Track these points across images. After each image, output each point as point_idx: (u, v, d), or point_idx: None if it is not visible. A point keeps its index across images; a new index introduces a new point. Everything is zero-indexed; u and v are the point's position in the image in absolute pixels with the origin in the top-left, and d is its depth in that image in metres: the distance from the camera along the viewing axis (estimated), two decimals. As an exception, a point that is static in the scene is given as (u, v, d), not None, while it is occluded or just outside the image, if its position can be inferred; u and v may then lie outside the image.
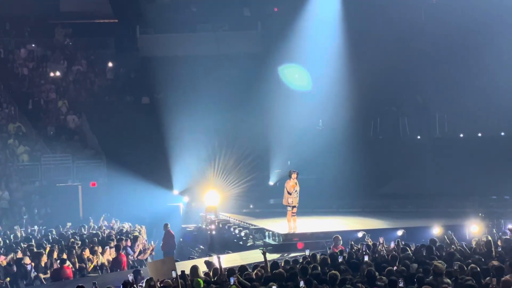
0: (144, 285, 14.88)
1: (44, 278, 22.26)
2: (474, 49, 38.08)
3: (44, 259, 22.87)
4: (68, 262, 22.56)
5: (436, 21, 38.97)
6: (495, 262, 15.66)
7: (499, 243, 19.33)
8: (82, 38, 47.01)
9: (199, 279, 14.90)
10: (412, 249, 18.98)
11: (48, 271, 22.44)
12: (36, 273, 22.21)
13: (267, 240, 26.38)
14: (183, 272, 15.23)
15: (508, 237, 19.95)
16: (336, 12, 39.73)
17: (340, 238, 21.97)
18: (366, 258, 17.01)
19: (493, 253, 17.64)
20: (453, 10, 38.26)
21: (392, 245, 19.45)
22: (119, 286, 15.30)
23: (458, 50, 38.63)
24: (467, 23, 37.80)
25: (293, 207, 26.11)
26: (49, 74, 44.25)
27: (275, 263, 16.81)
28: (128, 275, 15.39)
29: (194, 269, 15.67)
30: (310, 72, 38.90)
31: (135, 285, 15.21)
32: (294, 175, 26.15)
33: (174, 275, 14.91)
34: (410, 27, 38.91)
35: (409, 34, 38.79)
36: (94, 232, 28.91)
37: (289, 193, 26.03)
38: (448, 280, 14.46)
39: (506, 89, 36.01)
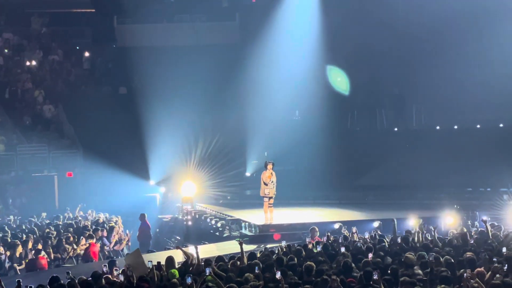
0: (122, 276, 14.82)
1: (19, 269, 22.14)
2: (451, 42, 38.20)
3: (19, 249, 22.75)
4: (43, 253, 22.45)
5: (413, 13, 39.04)
6: (469, 254, 15.74)
7: (473, 234, 19.45)
8: (59, 27, 46.74)
9: (174, 270, 14.88)
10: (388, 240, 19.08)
11: (23, 262, 22.33)
12: (10, 263, 22.09)
13: (243, 231, 26.36)
14: (159, 263, 15.21)
15: (482, 229, 20.05)
16: (314, 3, 39.74)
17: (317, 229, 22.03)
18: (343, 250, 17.07)
19: (468, 245, 17.74)
20: (431, 1, 38.32)
21: (367, 235, 19.53)
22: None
23: (435, 42, 38.77)
24: (445, 14, 37.87)
25: (270, 198, 26.14)
26: (25, 63, 43.96)
27: (252, 254, 16.83)
28: (103, 266, 15.34)
29: (170, 260, 15.65)
30: (288, 63, 38.82)
31: (109, 276, 15.17)
32: (269, 166, 26.18)
33: (150, 265, 14.89)
34: (388, 18, 38.97)
35: (387, 26, 38.81)
36: (70, 222, 28.78)
37: (265, 184, 26.05)
38: (420, 271, 14.53)
39: (482, 82, 36.14)
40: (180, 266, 15.72)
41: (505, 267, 14.17)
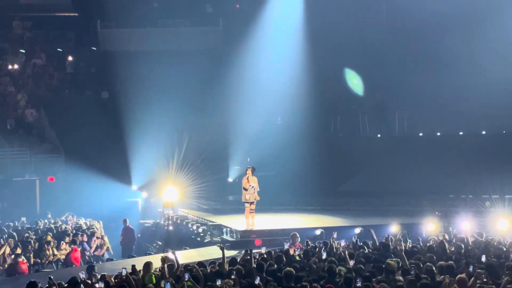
0: (101, 282, 14.72)
1: (-2, 273, 22.04)
2: (434, 49, 38.34)
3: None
4: (23, 257, 22.31)
5: (396, 19, 39.18)
6: (449, 261, 15.74)
7: (454, 241, 19.46)
8: (41, 31, 46.56)
9: (151, 274, 14.79)
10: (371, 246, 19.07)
11: (0, 267, 22.18)
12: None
13: (225, 236, 26.31)
14: (133, 267, 15.14)
15: (462, 236, 20.08)
16: (297, 10, 39.81)
17: (298, 235, 21.98)
18: (324, 255, 17.04)
19: (448, 252, 17.75)
20: (414, 9, 38.40)
21: (343, 243, 19.52)
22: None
23: (418, 49, 38.86)
24: (429, 22, 38.05)
25: (251, 203, 26.04)
26: (7, 67, 43.75)
27: (233, 259, 16.78)
28: (80, 273, 15.21)
29: (147, 265, 15.56)
30: (270, 68, 38.83)
31: (88, 281, 15.05)
32: (248, 171, 26.12)
33: (124, 272, 14.79)
34: (370, 25, 39.10)
35: (369, 32, 38.94)
36: (50, 227, 28.64)
37: (245, 189, 26.01)
38: (401, 278, 14.51)
39: (464, 89, 36.29)
40: (158, 271, 15.60)
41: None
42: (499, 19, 36.50)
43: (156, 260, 16.61)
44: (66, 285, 14.61)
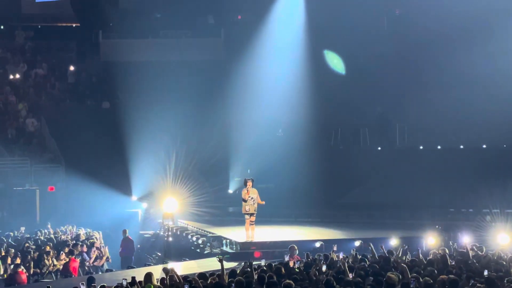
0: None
1: (-2, 283, 21.99)
2: (435, 62, 38.40)
3: (-2, 263, 22.65)
4: (22, 267, 22.27)
5: (397, 32, 39.25)
6: (450, 276, 15.68)
7: (454, 255, 19.40)
8: (43, 41, 46.65)
9: (150, 285, 14.74)
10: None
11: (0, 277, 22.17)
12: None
13: (224, 248, 26.25)
14: (133, 278, 15.10)
15: (463, 250, 20.02)
16: (299, 20, 39.86)
17: (296, 248, 21.93)
18: (324, 268, 17.00)
19: (449, 267, 17.69)
20: (415, 22, 38.50)
21: (341, 255, 19.48)
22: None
23: (419, 62, 38.92)
24: (428, 35, 38.12)
25: (251, 215, 25.96)
26: (9, 77, 43.78)
27: (233, 271, 16.74)
28: (80, 284, 15.18)
29: (148, 276, 15.50)
30: (272, 80, 38.87)
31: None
32: (249, 183, 26.06)
33: (124, 283, 14.75)
34: (373, 37, 39.15)
35: (371, 44, 39.00)
36: (49, 237, 28.61)
37: (245, 201, 25.98)
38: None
39: (465, 102, 36.32)
40: (158, 283, 15.57)
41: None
42: (501, 33, 36.57)
43: (155, 271, 16.60)
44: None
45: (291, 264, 18.30)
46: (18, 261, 22.60)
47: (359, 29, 39.19)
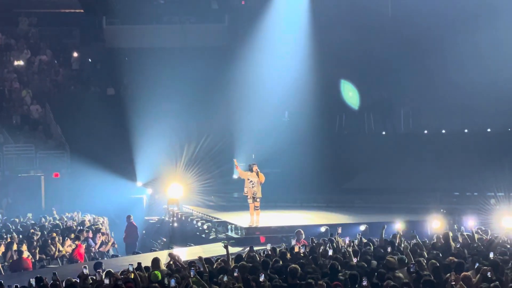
0: (104, 277, 14.71)
1: (3, 269, 22.03)
2: (439, 46, 38.31)
3: (2, 249, 22.67)
4: (27, 253, 22.33)
5: (402, 17, 39.10)
6: (454, 258, 15.71)
7: (459, 239, 19.41)
8: (47, 27, 46.61)
9: (156, 272, 14.76)
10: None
11: (6, 262, 22.22)
12: (-5, 263, 22.02)
13: (229, 233, 26.27)
14: (139, 264, 15.13)
15: (468, 233, 20.04)
16: (303, 6, 39.77)
17: (302, 232, 21.92)
18: (330, 252, 17.03)
19: (452, 249, 17.72)
20: (420, 7, 38.36)
21: (347, 240, 19.49)
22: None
23: (423, 46, 38.81)
24: (433, 19, 38.02)
25: (254, 200, 25.75)
26: (13, 63, 43.79)
27: (239, 256, 16.78)
28: (83, 267, 15.22)
29: (155, 261, 15.51)
30: (277, 65, 38.81)
31: (94, 277, 15.08)
32: (254, 167, 25.94)
33: (131, 268, 14.78)
34: (376, 22, 39.03)
35: (375, 29, 38.90)
36: (55, 223, 28.69)
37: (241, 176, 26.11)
38: (400, 275, 14.46)
39: (469, 86, 36.22)
40: (165, 268, 15.60)
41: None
42: (507, 16, 36.44)
43: (161, 257, 16.63)
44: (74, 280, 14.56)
45: (296, 249, 18.32)
46: (24, 247, 22.64)
47: (363, 12, 39.05)
